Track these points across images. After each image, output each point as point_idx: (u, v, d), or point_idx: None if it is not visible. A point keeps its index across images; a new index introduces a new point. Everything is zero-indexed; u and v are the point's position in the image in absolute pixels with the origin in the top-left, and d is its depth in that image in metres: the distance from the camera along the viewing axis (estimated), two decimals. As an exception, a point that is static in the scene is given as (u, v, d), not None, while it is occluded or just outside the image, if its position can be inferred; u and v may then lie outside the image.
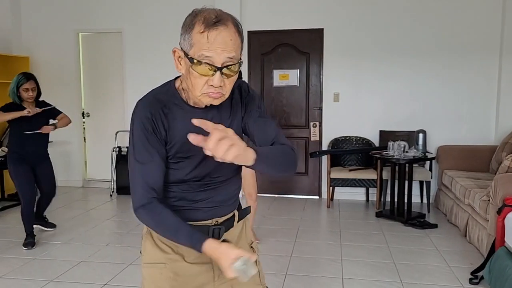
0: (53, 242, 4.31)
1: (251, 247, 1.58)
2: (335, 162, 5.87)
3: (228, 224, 1.49)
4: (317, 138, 6.12)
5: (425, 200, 5.66)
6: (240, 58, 1.30)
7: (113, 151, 6.43)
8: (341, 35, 5.94)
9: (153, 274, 1.46)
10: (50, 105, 4.29)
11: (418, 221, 4.83)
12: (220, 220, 1.47)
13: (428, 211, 5.40)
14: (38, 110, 4.05)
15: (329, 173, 5.64)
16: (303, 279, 3.48)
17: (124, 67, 6.54)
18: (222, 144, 1.06)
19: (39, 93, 4.21)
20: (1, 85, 6.32)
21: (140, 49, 6.45)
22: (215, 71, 1.24)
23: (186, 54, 1.27)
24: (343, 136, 5.99)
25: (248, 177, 3.86)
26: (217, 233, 1.44)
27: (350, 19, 5.90)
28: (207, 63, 1.23)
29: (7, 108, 4.06)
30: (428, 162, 5.61)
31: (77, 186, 6.80)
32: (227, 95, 1.32)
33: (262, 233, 4.54)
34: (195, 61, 1.24)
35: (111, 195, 6.24)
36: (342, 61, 5.97)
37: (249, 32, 6.12)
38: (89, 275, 3.53)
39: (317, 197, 6.20)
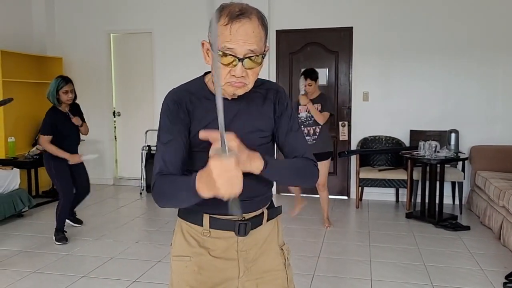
0: (85, 238, 4.41)
1: (282, 249, 1.56)
2: (364, 162, 5.80)
3: (256, 221, 1.47)
4: (346, 138, 6.05)
5: (457, 202, 5.53)
6: (265, 50, 1.33)
7: (143, 149, 6.53)
8: (370, 33, 5.86)
9: (179, 267, 1.49)
10: (80, 109, 4.46)
11: (450, 223, 4.73)
12: (247, 216, 1.46)
13: (460, 213, 5.28)
14: (78, 159, 4.31)
15: (358, 173, 5.58)
16: (330, 280, 3.45)
17: (153, 66, 6.64)
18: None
19: (75, 96, 4.38)
20: (36, 84, 6.51)
21: (169, 49, 6.53)
22: (237, 62, 1.28)
23: (211, 46, 1.30)
24: (372, 136, 5.92)
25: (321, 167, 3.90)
26: (243, 229, 1.43)
27: (380, 17, 5.82)
28: (230, 54, 1.27)
29: (53, 117, 4.20)
30: (460, 163, 5.49)
31: (108, 184, 6.94)
32: (250, 86, 1.35)
33: (290, 233, 4.53)
34: (218, 52, 1.27)
35: (140, 193, 6.34)
36: (372, 60, 5.90)
37: (278, 31, 6.11)
38: (119, 272, 3.59)
39: (346, 197, 6.14)
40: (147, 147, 6.45)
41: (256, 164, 1.26)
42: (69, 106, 4.33)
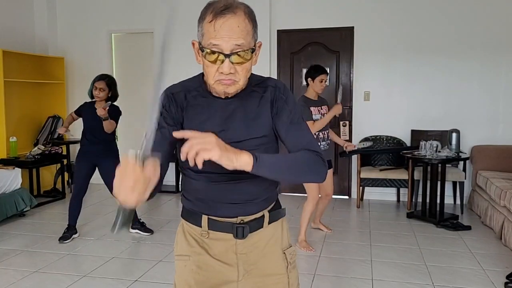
0: (86, 238, 4.42)
1: (284, 253, 1.51)
2: (365, 162, 5.80)
3: (255, 224, 1.43)
4: (347, 138, 6.02)
5: (458, 201, 5.53)
6: (255, 45, 1.31)
7: (144, 149, 6.52)
8: (372, 33, 5.86)
9: (179, 266, 1.48)
10: (116, 111, 4.40)
11: (451, 223, 4.73)
12: (246, 219, 1.42)
13: (462, 213, 5.28)
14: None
15: (359, 172, 5.58)
16: (332, 279, 3.45)
17: (155, 66, 6.64)
18: (192, 149, 1.10)
19: (113, 97, 4.40)
20: (38, 84, 6.52)
21: (171, 48, 6.51)
22: (223, 58, 1.25)
23: (199, 44, 1.31)
24: (373, 136, 5.91)
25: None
26: (241, 232, 1.40)
27: (381, 17, 5.82)
28: (216, 51, 1.25)
29: (82, 106, 4.45)
30: (461, 163, 5.49)
31: (110, 184, 6.94)
32: (241, 83, 1.31)
33: (291, 233, 4.52)
34: (205, 50, 1.27)
35: (142, 193, 6.33)
36: (373, 60, 5.90)
37: (279, 31, 6.11)
38: (121, 271, 3.60)
39: (347, 197, 6.14)
40: (148, 147, 6.44)
41: (244, 160, 1.16)
42: (106, 106, 4.17)
